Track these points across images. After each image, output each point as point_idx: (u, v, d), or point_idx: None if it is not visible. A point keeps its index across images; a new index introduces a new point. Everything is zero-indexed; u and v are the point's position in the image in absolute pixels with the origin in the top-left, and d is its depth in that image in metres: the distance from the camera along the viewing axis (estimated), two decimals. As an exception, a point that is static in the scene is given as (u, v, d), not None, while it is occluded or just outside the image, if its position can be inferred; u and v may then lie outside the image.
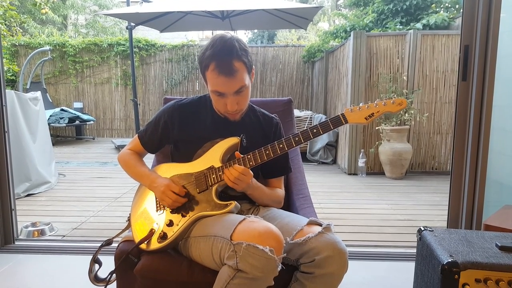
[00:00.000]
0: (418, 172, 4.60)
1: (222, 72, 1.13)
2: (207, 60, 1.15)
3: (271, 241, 0.98)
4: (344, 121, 1.13)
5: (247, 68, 1.18)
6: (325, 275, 1.04)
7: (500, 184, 2.04)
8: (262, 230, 1.00)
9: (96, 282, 1.24)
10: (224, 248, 1.01)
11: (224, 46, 1.14)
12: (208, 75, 1.17)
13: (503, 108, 1.93)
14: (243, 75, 1.16)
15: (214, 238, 1.06)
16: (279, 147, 1.16)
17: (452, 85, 4.44)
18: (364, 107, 1.14)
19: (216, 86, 1.17)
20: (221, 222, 1.09)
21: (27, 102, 3.51)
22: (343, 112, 1.14)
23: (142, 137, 1.36)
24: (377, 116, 1.14)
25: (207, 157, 1.24)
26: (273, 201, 1.32)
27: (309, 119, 5.43)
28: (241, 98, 1.20)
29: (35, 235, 2.46)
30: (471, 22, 1.86)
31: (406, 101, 1.15)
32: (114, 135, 7.96)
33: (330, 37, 6.42)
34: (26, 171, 3.41)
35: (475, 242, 1.23)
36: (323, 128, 1.13)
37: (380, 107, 1.14)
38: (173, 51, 7.79)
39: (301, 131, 1.16)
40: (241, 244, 0.97)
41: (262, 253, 0.95)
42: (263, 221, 1.05)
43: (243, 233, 1.00)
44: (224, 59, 1.13)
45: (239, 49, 1.15)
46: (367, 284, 1.80)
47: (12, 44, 7.71)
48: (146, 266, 1.13)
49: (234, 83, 1.15)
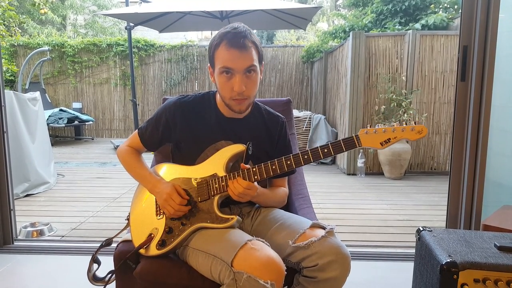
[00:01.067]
0: (417, 172, 4.61)
1: (234, 45, 1.10)
2: (219, 39, 1.13)
3: (273, 274, 0.96)
4: (358, 144, 1.06)
5: (259, 53, 1.16)
6: (328, 279, 1.03)
7: (499, 184, 2.05)
8: (264, 261, 0.97)
9: (94, 282, 1.24)
10: (224, 273, 0.99)
11: (236, 28, 1.13)
12: (218, 53, 1.13)
13: (501, 108, 1.93)
14: (253, 55, 1.13)
15: (213, 258, 1.04)
16: (287, 163, 1.12)
17: (451, 85, 4.45)
18: (380, 130, 1.06)
19: (226, 61, 1.12)
20: (222, 242, 1.06)
21: (26, 102, 3.50)
22: (358, 134, 1.07)
23: (142, 135, 1.30)
24: (393, 142, 1.06)
25: (211, 163, 1.19)
26: (277, 202, 1.30)
27: (308, 119, 5.43)
28: (249, 81, 1.14)
29: (34, 236, 2.46)
30: (470, 23, 1.86)
31: (426, 129, 1.06)
32: (113, 136, 7.95)
33: (329, 38, 6.43)
34: (25, 172, 3.40)
35: (473, 242, 1.24)
36: (335, 149, 1.07)
37: (398, 133, 1.05)
38: (172, 51, 7.78)
39: (311, 149, 1.10)
40: (242, 274, 0.95)
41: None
42: (265, 248, 1.02)
43: (244, 261, 0.98)
44: (236, 35, 1.11)
45: (251, 34, 1.14)
46: (366, 284, 1.80)
47: (11, 44, 7.70)
48: (146, 269, 1.12)
49: (245, 58, 1.11)
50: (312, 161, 1.10)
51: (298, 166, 1.12)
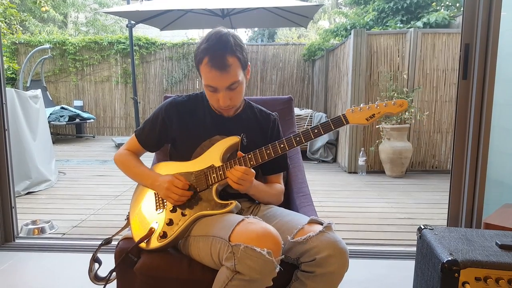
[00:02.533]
0: (418, 170, 4.60)
1: (215, 66, 1.13)
2: (201, 54, 1.16)
3: (269, 243, 0.98)
4: (345, 122, 1.13)
5: (241, 64, 1.18)
6: (326, 274, 1.04)
7: (500, 182, 2.04)
8: (260, 232, 0.99)
9: (96, 281, 1.24)
10: (222, 249, 1.01)
11: (218, 41, 1.14)
12: (202, 69, 1.17)
13: (503, 106, 1.93)
14: (236, 71, 1.16)
15: (212, 238, 1.06)
16: (280, 146, 1.16)
17: (453, 83, 4.43)
18: (365, 107, 1.13)
19: (209, 80, 1.16)
20: (220, 223, 1.09)
21: (27, 100, 3.50)
22: (344, 113, 1.14)
23: (140, 135, 1.34)
24: (378, 117, 1.13)
25: (207, 156, 1.23)
26: (273, 196, 1.33)
27: (309, 117, 5.43)
28: (233, 94, 1.20)
29: (35, 233, 2.47)
30: (472, 21, 1.85)
31: (407, 102, 1.14)
32: (114, 133, 7.96)
33: (331, 36, 6.42)
34: (26, 169, 3.41)
35: (475, 241, 1.24)
36: (324, 128, 1.13)
37: (381, 108, 1.13)
38: (173, 49, 7.78)
39: (302, 131, 1.16)
40: (239, 246, 0.97)
41: (260, 256, 0.95)
42: (262, 222, 1.05)
43: (241, 234, 1.00)
44: (217, 54, 1.13)
45: (233, 44, 1.15)
46: (367, 282, 1.80)
47: (12, 42, 7.70)
48: (146, 264, 1.13)
49: (226, 78, 1.15)
50: (304, 142, 1.15)
51: (291, 148, 1.17)
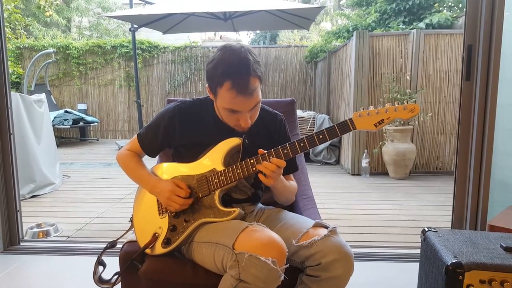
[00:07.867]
0: (422, 172, 4.58)
1: (240, 92, 1.06)
2: (221, 77, 1.07)
3: (274, 252, 0.97)
4: (352, 127, 1.06)
5: (261, 82, 1.13)
6: (331, 278, 1.03)
7: (505, 184, 2.03)
8: (264, 240, 0.99)
9: (100, 284, 1.25)
10: (226, 257, 1.00)
11: (240, 63, 1.06)
12: (222, 93, 1.09)
13: (507, 107, 1.92)
14: (259, 92, 1.12)
15: (216, 246, 1.05)
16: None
17: (456, 84, 4.42)
18: (373, 111, 1.05)
19: (231, 104, 1.10)
20: (224, 229, 1.08)
21: (31, 104, 3.53)
22: (351, 117, 1.06)
23: (142, 142, 1.31)
24: (387, 123, 1.04)
25: (209, 158, 1.20)
26: (292, 194, 1.30)
27: (312, 119, 5.43)
28: (254, 113, 1.16)
29: (40, 236, 2.48)
30: (475, 22, 1.85)
31: (418, 107, 1.04)
32: (117, 137, 7.98)
33: (333, 37, 6.42)
34: (31, 173, 3.43)
35: (479, 243, 1.23)
36: (330, 134, 1.07)
37: (391, 113, 1.04)
38: (176, 52, 7.81)
39: (307, 136, 1.10)
40: (243, 254, 0.96)
41: (265, 264, 0.94)
42: (266, 230, 1.03)
43: (245, 242, 0.99)
44: (241, 79, 1.06)
45: (253, 62, 1.08)
46: (370, 284, 1.80)
47: (16, 47, 7.76)
48: (151, 268, 1.13)
49: (251, 101, 1.10)
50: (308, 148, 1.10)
51: (295, 154, 1.12)
